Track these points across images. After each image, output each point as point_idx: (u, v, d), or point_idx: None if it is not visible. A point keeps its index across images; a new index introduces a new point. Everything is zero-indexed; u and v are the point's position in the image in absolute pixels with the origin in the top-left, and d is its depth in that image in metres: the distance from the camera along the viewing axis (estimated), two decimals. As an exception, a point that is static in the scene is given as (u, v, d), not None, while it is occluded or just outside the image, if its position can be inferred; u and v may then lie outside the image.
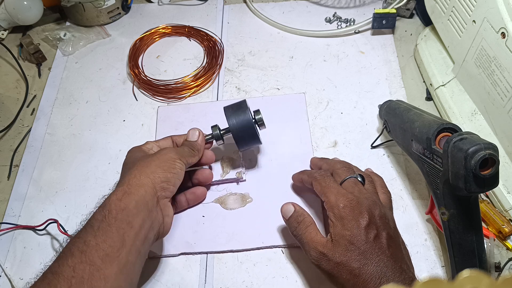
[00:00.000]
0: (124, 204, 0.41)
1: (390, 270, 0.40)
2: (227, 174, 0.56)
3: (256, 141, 0.52)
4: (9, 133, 0.64)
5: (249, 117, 0.50)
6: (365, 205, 0.43)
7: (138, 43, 0.72)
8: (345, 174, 0.47)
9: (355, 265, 0.40)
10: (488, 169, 0.38)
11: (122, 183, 0.43)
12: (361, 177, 0.47)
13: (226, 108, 0.52)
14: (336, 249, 0.41)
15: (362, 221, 0.42)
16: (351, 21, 0.73)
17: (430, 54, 0.64)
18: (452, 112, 0.58)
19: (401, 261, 0.41)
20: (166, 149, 0.48)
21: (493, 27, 0.49)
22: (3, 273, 0.51)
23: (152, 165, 0.44)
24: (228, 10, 0.77)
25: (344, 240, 0.41)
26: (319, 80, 0.66)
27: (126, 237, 0.40)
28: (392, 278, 0.39)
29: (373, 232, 0.42)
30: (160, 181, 0.44)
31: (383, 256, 0.40)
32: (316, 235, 0.44)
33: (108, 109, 0.65)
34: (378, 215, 0.43)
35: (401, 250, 0.43)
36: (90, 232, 0.39)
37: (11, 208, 0.56)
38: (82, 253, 0.37)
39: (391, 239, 0.42)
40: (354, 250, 0.41)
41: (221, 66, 0.69)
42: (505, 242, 0.50)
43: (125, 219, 0.40)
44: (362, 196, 0.44)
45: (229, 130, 0.51)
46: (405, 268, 0.41)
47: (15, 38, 0.74)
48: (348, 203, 0.43)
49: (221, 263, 0.51)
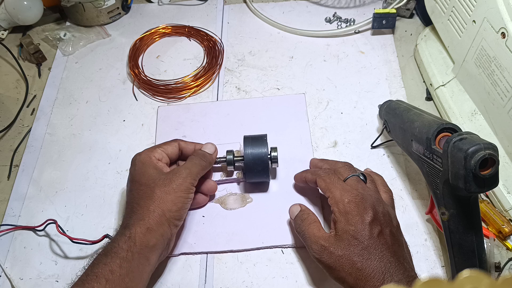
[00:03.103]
0: (147, 240, 0.43)
1: (393, 267, 0.40)
2: (227, 174, 0.56)
3: (265, 177, 0.53)
4: (9, 133, 0.64)
5: (264, 151, 0.51)
6: (370, 201, 0.43)
7: (138, 43, 0.72)
8: (348, 173, 0.48)
9: (357, 259, 0.40)
10: (488, 169, 0.38)
11: (141, 216, 0.44)
12: (363, 176, 0.48)
13: (246, 137, 0.53)
14: (339, 243, 0.42)
15: (366, 216, 0.42)
16: (351, 21, 0.73)
17: (430, 54, 0.64)
18: (452, 112, 0.58)
19: (403, 259, 0.42)
20: (181, 175, 0.46)
21: (493, 27, 0.49)
22: (3, 273, 0.51)
23: (169, 201, 0.45)
24: (228, 10, 0.77)
25: (348, 235, 0.42)
26: (319, 80, 0.66)
27: (144, 273, 0.43)
28: (396, 275, 0.39)
29: (377, 228, 0.42)
30: (174, 219, 0.45)
31: (387, 252, 0.41)
32: (319, 231, 0.45)
33: (108, 109, 0.65)
34: (382, 212, 0.43)
35: (403, 248, 0.43)
36: (115, 260, 0.41)
37: (11, 208, 0.56)
38: (107, 282, 0.39)
39: (394, 237, 0.43)
40: (357, 245, 0.41)
41: (221, 66, 0.69)
42: (505, 242, 0.50)
43: (145, 255, 0.43)
44: (366, 192, 0.44)
45: (242, 159, 0.52)
46: (407, 267, 0.41)
47: (15, 38, 0.74)
48: (353, 199, 0.43)
49: (221, 263, 0.51)
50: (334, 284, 0.48)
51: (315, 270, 0.50)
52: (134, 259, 0.41)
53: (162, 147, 0.50)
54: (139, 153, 0.49)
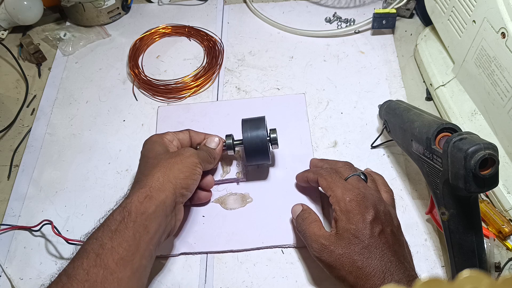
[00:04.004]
0: (144, 208, 0.41)
1: (394, 266, 0.40)
2: (227, 174, 0.56)
3: (265, 159, 0.53)
4: (9, 133, 0.64)
5: (264, 133, 0.51)
6: (371, 200, 0.43)
7: (138, 43, 0.72)
8: (348, 172, 0.48)
9: (358, 257, 0.40)
10: (487, 169, 0.38)
11: (143, 184, 0.43)
12: (364, 175, 0.48)
13: (244, 120, 0.53)
14: (339, 242, 0.42)
15: (367, 215, 0.42)
16: (351, 21, 0.73)
17: (430, 54, 0.64)
18: (452, 112, 0.58)
19: (404, 258, 0.42)
20: (188, 151, 0.47)
21: (493, 27, 0.49)
22: (3, 273, 0.51)
23: (175, 168, 0.45)
24: (228, 10, 0.77)
25: (348, 234, 0.42)
26: (319, 80, 0.66)
27: (142, 242, 0.40)
28: (396, 274, 0.39)
29: (379, 227, 0.42)
30: (180, 187, 0.45)
31: (388, 252, 0.41)
32: (319, 230, 0.45)
33: (108, 109, 0.65)
34: (383, 211, 0.43)
35: (404, 248, 0.44)
36: (107, 233, 0.40)
37: (11, 208, 0.56)
38: (98, 256, 0.38)
39: (395, 236, 0.43)
40: (358, 243, 0.41)
41: (221, 66, 0.69)
42: (505, 242, 0.50)
43: (143, 223, 0.41)
44: (368, 191, 0.45)
45: (242, 142, 0.52)
46: (408, 267, 0.41)
47: (15, 38, 0.74)
48: (354, 197, 0.43)
49: (221, 263, 0.51)
50: (334, 284, 0.48)
51: (315, 270, 0.50)
52: (128, 228, 0.40)
53: (174, 132, 0.51)
54: (151, 135, 0.50)
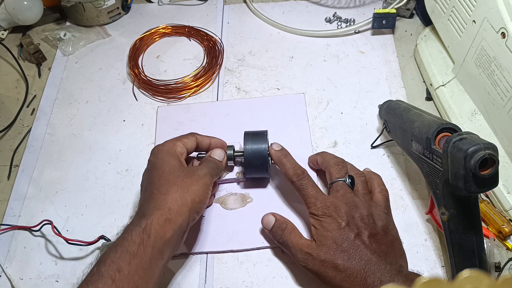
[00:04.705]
0: (163, 232, 0.40)
1: (373, 265, 0.41)
2: (227, 174, 0.56)
3: (264, 172, 0.53)
4: (9, 133, 0.64)
5: (264, 147, 0.52)
6: (343, 209, 0.45)
7: (138, 43, 0.72)
8: (336, 176, 0.48)
9: (339, 262, 0.42)
10: (487, 169, 0.38)
11: (161, 204, 0.41)
12: (351, 178, 0.48)
13: (246, 133, 0.53)
14: (320, 248, 0.43)
15: (341, 221, 0.44)
16: (351, 21, 0.73)
17: (430, 54, 0.64)
18: (452, 112, 0.58)
19: (386, 255, 0.43)
20: (202, 170, 0.46)
21: (493, 27, 0.49)
22: (3, 273, 0.51)
23: (192, 190, 0.43)
24: (228, 10, 0.77)
25: (327, 240, 0.43)
26: (319, 80, 0.66)
27: (156, 269, 0.40)
28: (378, 271, 0.41)
29: (354, 232, 0.43)
30: (194, 211, 0.44)
31: (366, 251, 0.42)
32: (300, 239, 0.46)
33: (108, 109, 0.65)
34: (358, 217, 0.45)
35: (388, 246, 0.44)
36: (124, 256, 0.38)
37: (11, 208, 0.56)
38: (113, 282, 0.37)
39: (374, 237, 0.44)
40: (337, 248, 0.43)
41: (221, 66, 0.69)
42: (505, 242, 0.50)
43: (160, 248, 0.40)
44: (343, 200, 0.46)
45: (242, 154, 0.52)
46: (392, 261, 0.42)
47: (15, 38, 0.74)
48: (326, 211, 0.45)
49: (221, 263, 0.51)
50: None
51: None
52: (146, 253, 0.39)
53: (182, 141, 0.49)
54: (162, 144, 0.48)
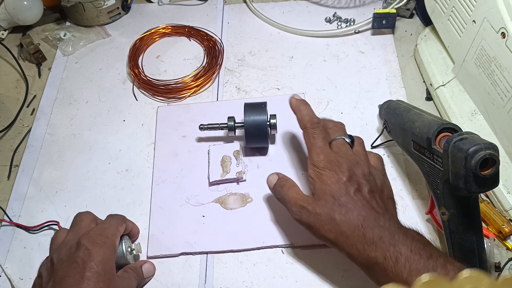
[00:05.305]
0: None
1: (372, 221, 0.40)
2: (227, 174, 0.56)
3: (264, 142, 0.55)
4: (9, 133, 0.64)
5: (264, 117, 0.54)
6: (346, 164, 0.44)
7: (138, 43, 0.72)
8: (335, 135, 0.47)
9: (335, 215, 0.41)
10: (488, 169, 0.38)
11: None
12: (350, 138, 0.48)
13: (246, 104, 0.55)
14: (317, 202, 0.43)
15: (342, 176, 0.43)
16: (351, 21, 0.73)
17: (430, 54, 0.64)
18: (452, 112, 0.58)
19: (385, 212, 0.42)
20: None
21: (493, 27, 0.49)
22: (3, 273, 0.51)
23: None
24: (228, 10, 0.77)
25: (324, 194, 0.42)
26: (319, 80, 0.66)
27: None
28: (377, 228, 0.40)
29: (354, 187, 0.42)
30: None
31: (365, 208, 0.41)
32: (298, 194, 0.45)
33: (108, 109, 0.65)
34: (360, 173, 0.44)
35: (386, 203, 0.43)
36: None
37: (11, 208, 0.56)
38: None
39: (374, 194, 0.43)
40: (334, 202, 0.42)
41: (221, 66, 0.69)
42: (505, 242, 0.50)
43: None
44: (345, 157, 0.45)
45: (243, 125, 0.54)
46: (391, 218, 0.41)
47: (15, 38, 0.74)
48: (328, 164, 0.44)
49: (221, 263, 0.51)
50: (334, 285, 0.48)
51: (315, 270, 0.50)
52: None
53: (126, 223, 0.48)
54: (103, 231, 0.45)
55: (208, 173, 0.56)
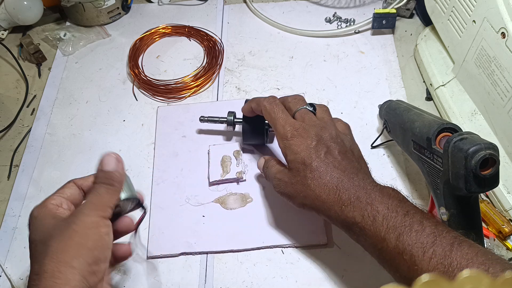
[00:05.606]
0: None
1: (346, 181, 0.40)
2: (227, 174, 0.56)
3: (260, 139, 0.56)
4: (9, 133, 0.64)
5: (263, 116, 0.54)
6: (313, 130, 0.44)
7: (138, 43, 0.72)
8: (296, 106, 0.48)
9: (309, 181, 0.42)
10: (488, 169, 0.38)
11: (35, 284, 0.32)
12: (312, 106, 0.48)
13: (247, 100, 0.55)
14: (291, 172, 0.44)
15: (310, 142, 0.43)
16: (351, 21, 0.73)
17: (430, 54, 0.64)
18: (452, 112, 0.58)
19: (358, 171, 0.42)
20: (83, 210, 0.36)
21: (493, 27, 0.49)
22: (3, 273, 0.51)
23: (72, 246, 0.34)
24: (228, 10, 0.77)
25: (297, 163, 0.43)
26: (319, 80, 0.66)
27: None
28: (352, 188, 0.40)
29: (323, 150, 0.43)
30: (87, 266, 0.34)
31: (337, 168, 0.41)
32: (277, 169, 0.47)
33: (108, 109, 0.65)
34: (328, 137, 0.44)
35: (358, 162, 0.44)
36: None
37: (11, 208, 0.56)
38: None
39: (345, 154, 0.43)
40: (306, 168, 0.42)
41: (221, 66, 0.69)
42: (505, 242, 0.50)
43: None
44: (310, 123, 0.45)
45: (241, 121, 0.55)
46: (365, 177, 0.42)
47: (15, 38, 0.74)
48: (295, 133, 0.44)
49: (221, 263, 0.51)
50: (334, 285, 0.48)
51: (315, 270, 0.50)
52: None
53: (58, 192, 0.40)
54: (36, 206, 0.39)
55: (208, 173, 0.56)
